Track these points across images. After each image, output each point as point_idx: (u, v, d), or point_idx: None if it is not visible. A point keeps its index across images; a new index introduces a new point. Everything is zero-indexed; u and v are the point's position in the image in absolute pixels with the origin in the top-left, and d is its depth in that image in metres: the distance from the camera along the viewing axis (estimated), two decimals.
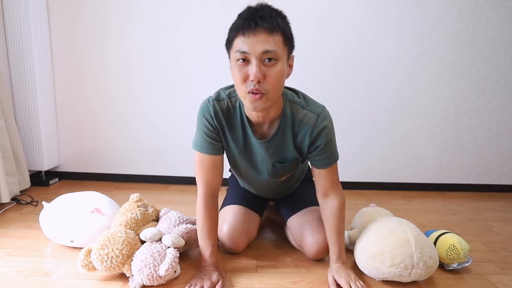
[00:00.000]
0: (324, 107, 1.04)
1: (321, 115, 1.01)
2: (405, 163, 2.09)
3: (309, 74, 1.96)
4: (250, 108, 0.93)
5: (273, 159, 1.09)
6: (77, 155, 2.15)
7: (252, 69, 0.86)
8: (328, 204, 1.10)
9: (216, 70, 1.99)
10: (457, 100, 2.01)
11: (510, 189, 2.11)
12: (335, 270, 1.05)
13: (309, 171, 1.43)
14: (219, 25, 1.94)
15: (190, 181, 2.11)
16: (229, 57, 0.94)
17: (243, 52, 0.86)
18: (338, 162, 1.09)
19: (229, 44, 0.92)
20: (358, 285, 1.00)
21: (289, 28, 0.91)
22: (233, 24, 0.91)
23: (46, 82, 1.98)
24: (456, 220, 1.64)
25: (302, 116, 1.02)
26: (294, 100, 1.04)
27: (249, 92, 0.89)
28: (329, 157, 1.05)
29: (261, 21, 0.85)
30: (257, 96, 0.88)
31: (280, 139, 1.05)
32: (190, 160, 2.09)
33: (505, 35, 1.93)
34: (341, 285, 1.01)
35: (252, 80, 0.86)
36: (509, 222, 1.62)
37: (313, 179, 1.12)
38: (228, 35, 0.92)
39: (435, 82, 1.99)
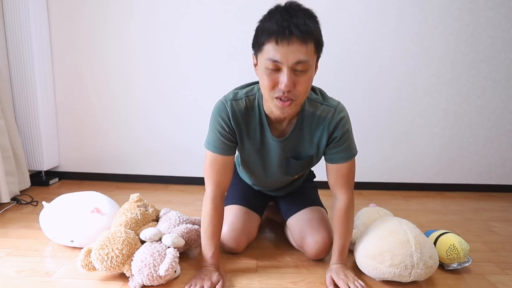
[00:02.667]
0: (340, 101, 1.05)
1: (338, 108, 1.02)
2: (405, 163, 2.09)
3: None
4: (277, 113, 0.93)
5: (288, 155, 1.09)
6: (77, 155, 2.15)
7: (283, 78, 0.84)
8: (335, 205, 1.10)
9: (216, 70, 1.99)
10: (457, 100, 2.01)
11: (510, 189, 2.11)
12: (334, 270, 1.05)
13: (311, 172, 1.44)
14: (219, 25, 1.94)
15: (190, 181, 2.11)
16: (256, 57, 0.92)
17: (275, 61, 0.84)
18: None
19: (258, 47, 0.88)
20: (357, 285, 1.00)
21: (320, 32, 0.89)
22: (264, 25, 0.86)
23: (46, 82, 1.98)
24: (456, 220, 1.64)
25: (321, 112, 1.02)
26: (312, 97, 1.03)
27: (277, 98, 0.88)
28: (346, 149, 1.04)
29: (295, 29, 0.81)
30: (286, 103, 0.88)
31: (297, 136, 1.05)
32: (190, 160, 2.10)
33: (505, 35, 1.93)
34: (339, 285, 1.01)
35: (281, 89, 0.86)
36: (509, 222, 1.62)
37: (327, 177, 1.11)
38: (258, 36, 0.88)
39: (435, 82, 1.99)
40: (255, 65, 0.94)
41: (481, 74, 1.98)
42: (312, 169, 1.44)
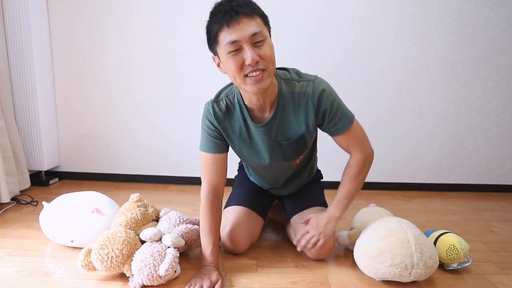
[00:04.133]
0: (317, 75, 1.06)
1: (316, 81, 1.04)
2: (405, 163, 2.09)
3: None
4: (253, 91, 0.95)
5: (278, 139, 1.10)
6: (77, 155, 2.15)
7: (247, 54, 0.88)
8: (348, 159, 1.13)
9: (216, 70, 1.98)
10: (457, 100, 2.01)
11: (510, 189, 2.11)
12: (318, 216, 1.13)
13: (319, 172, 1.43)
14: None
15: (190, 181, 2.11)
16: (216, 54, 0.97)
17: (234, 42, 0.88)
18: (356, 124, 1.08)
19: (214, 41, 0.94)
20: (313, 241, 1.09)
21: (262, 9, 0.95)
22: (211, 23, 0.93)
23: (46, 82, 1.98)
24: (455, 220, 1.64)
25: (300, 89, 1.04)
26: (287, 78, 1.06)
27: (247, 76, 0.91)
28: (342, 117, 1.05)
29: (239, 8, 0.88)
30: (259, 76, 0.91)
31: (280, 118, 1.07)
32: (190, 160, 2.10)
33: (505, 35, 1.93)
34: (307, 229, 1.12)
35: (249, 64, 0.89)
36: (509, 222, 1.62)
37: (338, 145, 1.13)
38: (209, 35, 0.94)
39: (435, 82, 1.99)
40: (218, 64, 0.99)
41: (481, 74, 1.98)
42: (319, 169, 1.43)
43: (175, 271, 1.05)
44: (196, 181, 2.10)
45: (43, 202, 1.31)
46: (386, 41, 1.94)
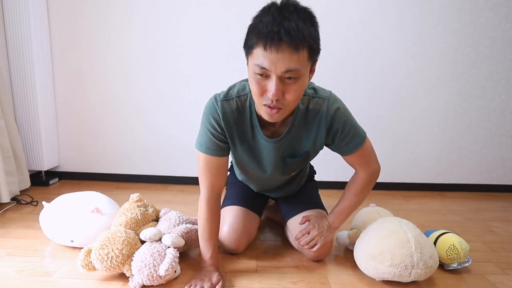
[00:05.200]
0: (331, 91, 1.02)
1: (331, 98, 0.99)
2: (405, 163, 2.09)
3: None
4: (265, 118, 0.90)
5: (284, 154, 1.07)
6: (77, 155, 2.15)
7: (272, 87, 0.80)
8: (353, 174, 1.12)
9: (216, 70, 1.99)
10: (457, 100, 2.01)
11: (510, 189, 2.11)
12: (319, 220, 1.12)
13: (312, 170, 1.43)
14: (219, 25, 1.94)
15: (190, 181, 2.11)
16: (247, 60, 0.86)
17: (263, 68, 0.79)
18: (366, 142, 1.06)
19: (248, 49, 0.83)
20: (313, 243, 1.08)
21: (317, 36, 0.83)
22: (255, 25, 0.80)
23: (46, 82, 1.98)
24: (456, 220, 1.64)
25: (314, 105, 0.98)
26: (304, 93, 0.99)
27: (265, 105, 0.85)
28: (354, 137, 1.02)
29: (286, 35, 0.75)
30: (274, 111, 0.85)
31: (293, 135, 1.02)
32: (190, 160, 2.09)
33: (505, 35, 1.93)
34: (308, 230, 1.11)
35: (269, 97, 0.82)
36: (509, 222, 1.62)
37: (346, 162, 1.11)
38: (248, 37, 0.83)
39: (435, 82, 1.99)
40: (247, 64, 0.89)
41: (481, 74, 1.98)
42: (312, 164, 1.43)
43: (175, 271, 1.05)
44: (196, 181, 2.07)
45: (43, 202, 1.31)
46: (386, 41, 1.94)
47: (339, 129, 0.99)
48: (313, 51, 0.82)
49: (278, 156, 1.06)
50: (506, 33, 1.93)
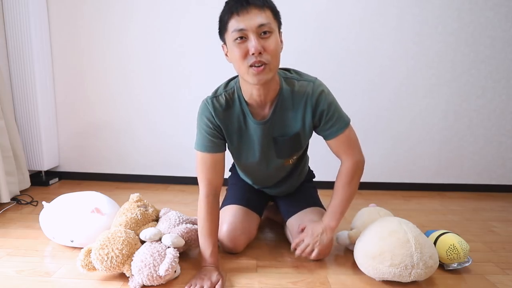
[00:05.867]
0: (317, 77, 1.08)
1: (316, 82, 1.06)
2: (405, 163, 2.09)
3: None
4: (254, 82, 0.95)
5: (274, 135, 1.10)
6: (77, 155, 2.15)
7: (251, 43, 0.90)
8: (340, 167, 1.13)
9: (216, 70, 1.99)
10: (457, 100, 2.01)
11: (510, 189, 2.11)
12: (314, 225, 1.13)
13: (310, 173, 1.44)
14: None
15: (190, 181, 2.11)
16: (224, 43, 0.98)
17: (241, 30, 0.90)
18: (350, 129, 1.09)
19: (223, 29, 0.96)
20: (308, 250, 1.10)
21: (275, 5, 0.97)
22: (223, 11, 0.96)
23: (46, 82, 1.98)
24: (455, 220, 1.64)
25: (299, 87, 1.05)
26: (288, 76, 1.08)
27: (251, 66, 0.92)
28: (338, 120, 1.06)
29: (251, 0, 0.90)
30: (260, 68, 0.92)
31: (279, 115, 1.07)
32: (190, 160, 2.09)
33: (505, 35, 1.93)
34: (302, 238, 1.12)
35: (253, 54, 0.90)
36: (509, 222, 1.62)
37: (331, 150, 1.14)
38: (221, 23, 0.97)
39: (435, 82, 1.99)
40: (226, 53, 1.00)
41: (481, 74, 1.98)
42: (311, 169, 1.44)
43: (175, 271, 1.05)
44: (196, 181, 2.08)
45: (43, 202, 1.31)
46: (386, 41, 1.94)
47: (325, 110, 1.05)
48: (275, 12, 0.96)
49: (268, 137, 1.10)
50: (506, 33, 1.93)
